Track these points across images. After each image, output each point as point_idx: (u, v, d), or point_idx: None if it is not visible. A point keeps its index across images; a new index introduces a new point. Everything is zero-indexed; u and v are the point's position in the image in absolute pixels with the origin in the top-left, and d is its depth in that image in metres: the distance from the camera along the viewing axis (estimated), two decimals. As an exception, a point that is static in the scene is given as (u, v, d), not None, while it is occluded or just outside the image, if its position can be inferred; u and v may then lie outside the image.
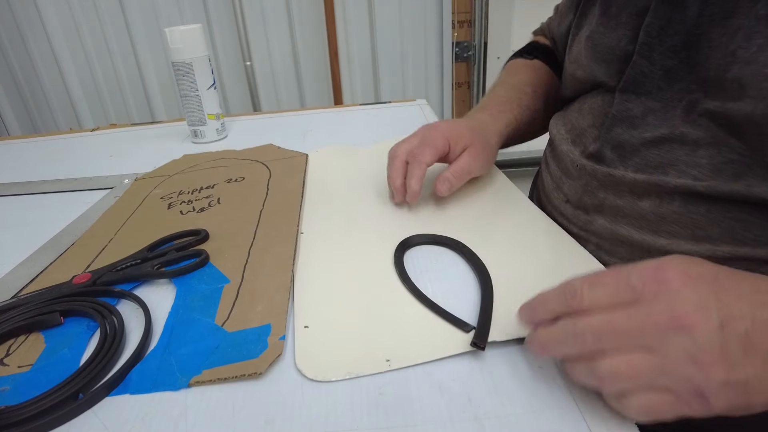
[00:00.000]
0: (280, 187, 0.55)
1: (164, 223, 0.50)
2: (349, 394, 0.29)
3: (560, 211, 0.48)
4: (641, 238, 0.40)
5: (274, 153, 0.67)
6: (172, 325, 0.35)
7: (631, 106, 0.40)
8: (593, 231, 0.44)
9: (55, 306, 0.37)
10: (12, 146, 0.85)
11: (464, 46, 1.77)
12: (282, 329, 0.34)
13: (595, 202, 0.43)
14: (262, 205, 0.52)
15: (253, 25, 1.66)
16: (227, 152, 0.70)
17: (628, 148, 0.40)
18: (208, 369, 0.31)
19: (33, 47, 1.64)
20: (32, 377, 0.32)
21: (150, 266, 0.42)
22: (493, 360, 0.31)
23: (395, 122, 0.82)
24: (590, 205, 0.44)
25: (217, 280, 0.40)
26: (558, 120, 0.51)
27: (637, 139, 0.39)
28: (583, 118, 0.46)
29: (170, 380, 0.31)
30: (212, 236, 0.46)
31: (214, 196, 0.55)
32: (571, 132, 0.47)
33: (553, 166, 0.50)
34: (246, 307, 0.36)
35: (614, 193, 0.41)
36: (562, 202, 0.47)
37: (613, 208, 0.42)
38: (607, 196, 0.42)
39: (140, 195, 0.58)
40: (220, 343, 0.33)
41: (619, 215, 0.41)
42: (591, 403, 0.27)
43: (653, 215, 0.39)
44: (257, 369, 0.31)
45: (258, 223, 0.48)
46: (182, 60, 0.72)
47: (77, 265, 0.44)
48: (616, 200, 0.41)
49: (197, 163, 0.66)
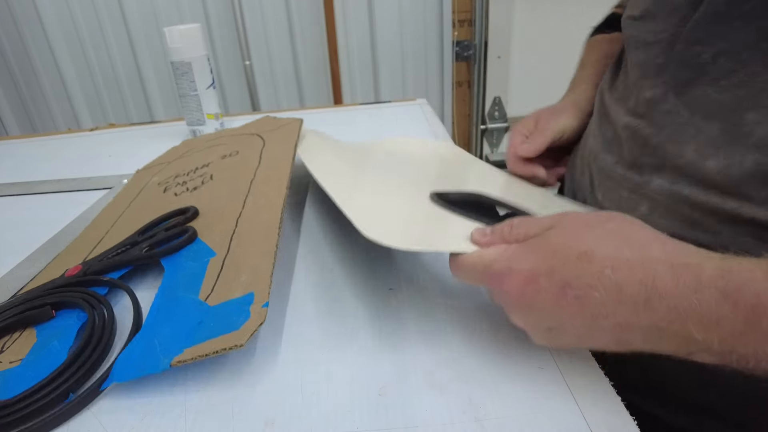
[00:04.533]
0: (271, 155, 0.53)
1: (158, 207, 0.49)
2: (349, 394, 0.29)
3: (606, 173, 0.44)
4: (706, 199, 0.35)
5: (269, 124, 0.65)
6: (158, 307, 0.34)
7: (699, 51, 0.35)
8: (647, 193, 0.39)
9: (46, 299, 0.36)
10: (11, 146, 0.85)
11: (464, 46, 1.77)
12: (265, 296, 0.32)
13: (654, 162, 0.38)
14: (253, 174, 0.49)
15: (253, 24, 1.65)
16: (226, 131, 0.70)
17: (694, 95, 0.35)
18: (190, 347, 0.30)
19: (32, 47, 1.64)
20: (21, 372, 0.31)
21: (138, 250, 0.41)
22: (494, 360, 0.31)
23: (395, 122, 0.81)
24: (647, 165, 0.39)
25: (204, 254, 0.38)
26: (613, 80, 0.48)
27: (711, 87, 0.34)
28: (647, 69, 0.41)
29: (153, 363, 0.29)
30: (202, 213, 0.45)
31: (207, 173, 0.54)
32: (623, 98, 0.43)
33: (604, 127, 0.46)
34: (230, 278, 0.35)
35: (676, 151, 0.37)
36: (612, 163, 0.43)
37: (675, 168, 0.37)
38: (666, 155, 0.37)
39: (139, 185, 0.57)
40: (203, 318, 0.32)
41: (680, 175, 0.36)
42: (592, 403, 0.27)
43: (720, 176, 0.34)
44: (238, 341, 0.29)
45: (248, 193, 0.46)
46: (181, 59, 0.72)
47: (74, 262, 0.43)
48: (678, 160, 0.36)
49: (195, 146, 0.66)
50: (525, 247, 0.29)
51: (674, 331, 0.24)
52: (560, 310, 0.26)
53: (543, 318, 0.28)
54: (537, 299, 0.27)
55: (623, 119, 0.42)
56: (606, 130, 0.45)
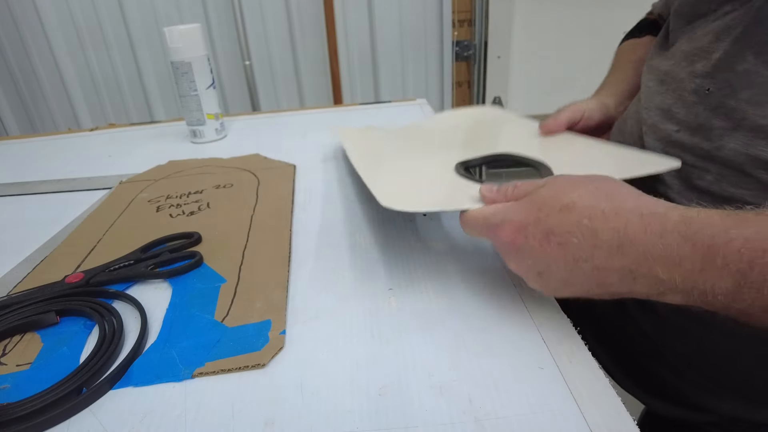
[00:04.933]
0: (269, 194, 0.56)
1: (154, 225, 0.50)
2: (349, 394, 0.29)
3: (667, 142, 0.43)
4: None
5: (260, 162, 0.67)
6: (171, 321, 0.36)
7: None
8: (718, 158, 0.38)
9: (51, 306, 0.37)
10: (10, 146, 0.85)
11: (464, 46, 1.77)
12: (282, 324, 0.35)
13: (727, 125, 0.37)
14: (252, 210, 0.52)
15: (253, 24, 1.65)
16: (213, 160, 0.69)
17: None
18: (212, 361, 0.32)
19: (31, 46, 1.64)
20: (32, 375, 0.32)
21: (144, 267, 0.42)
22: (494, 360, 0.31)
23: (395, 122, 0.81)
24: (718, 128, 0.38)
25: (213, 280, 0.40)
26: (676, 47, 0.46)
27: None
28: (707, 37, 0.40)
29: (173, 372, 0.31)
30: (204, 239, 0.47)
31: (203, 200, 0.55)
32: (689, 61, 0.42)
33: (657, 98, 0.45)
34: (244, 304, 0.37)
35: (757, 111, 0.36)
36: (673, 131, 0.42)
37: (753, 128, 0.36)
38: (746, 116, 0.36)
39: (125, 198, 0.58)
40: (221, 337, 0.34)
41: (759, 136, 0.35)
42: (592, 403, 0.27)
43: None
44: (261, 360, 0.31)
45: (250, 227, 0.48)
46: (181, 59, 0.72)
47: (67, 265, 0.44)
48: (759, 120, 0.35)
49: (183, 169, 0.66)
50: (519, 202, 0.33)
51: (643, 273, 0.27)
52: (546, 255, 0.30)
53: (533, 263, 0.31)
54: (526, 246, 0.31)
55: (690, 83, 0.41)
56: (665, 98, 0.44)
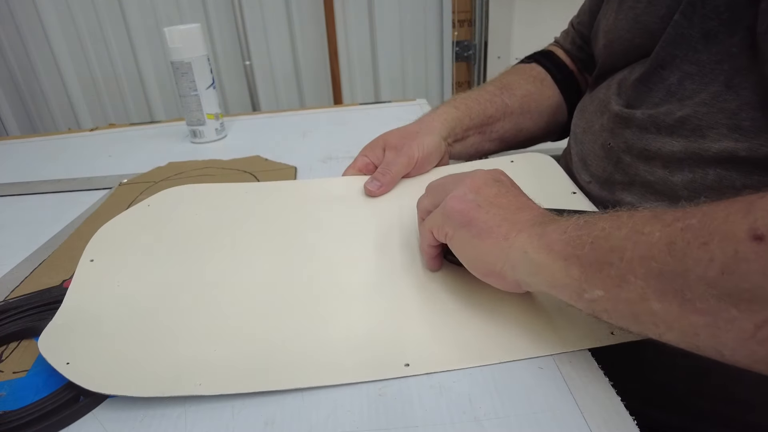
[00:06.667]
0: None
1: None
2: (348, 395, 0.29)
3: (584, 191, 0.48)
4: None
5: (261, 164, 0.67)
6: None
7: (666, 74, 0.39)
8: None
9: (49, 312, 0.36)
10: (10, 146, 0.85)
11: (464, 46, 1.77)
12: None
13: (625, 180, 0.42)
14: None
15: (253, 24, 1.65)
16: (213, 162, 0.69)
17: (663, 117, 0.39)
18: None
19: (32, 47, 1.64)
20: (29, 382, 0.32)
21: None
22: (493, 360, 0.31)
23: (395, 122, 0.81)
24: (618, 183, 0.43)
25: None
26: (586, 104, 0.51)
27: (675, 105, 0.38)
28: (612, 95, 0.45)
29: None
30: None
31: None
32: (600, 113, 0.47)
33: (578, 147, 0.50)
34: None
35: (646, 168, 0.40)
36: (586, 183, 0.47)
37: (644, 184, 0.41)
38: (638, 172, 0.41)
39: (124, 201, 0.57)
40: None
41: (649, 192, 0.40)
42: (592, 403, 0.27)
43: (686, 191, 0.38)
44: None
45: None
46: (181, 59, 0.72)
47: (65, 269, 0.44)
48: (648, 176, 0.40)
49: (183, 171, 0.66)
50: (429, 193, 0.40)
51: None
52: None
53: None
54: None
55: (600, 137, 0.46)
56: (583, 147, 0.49)
